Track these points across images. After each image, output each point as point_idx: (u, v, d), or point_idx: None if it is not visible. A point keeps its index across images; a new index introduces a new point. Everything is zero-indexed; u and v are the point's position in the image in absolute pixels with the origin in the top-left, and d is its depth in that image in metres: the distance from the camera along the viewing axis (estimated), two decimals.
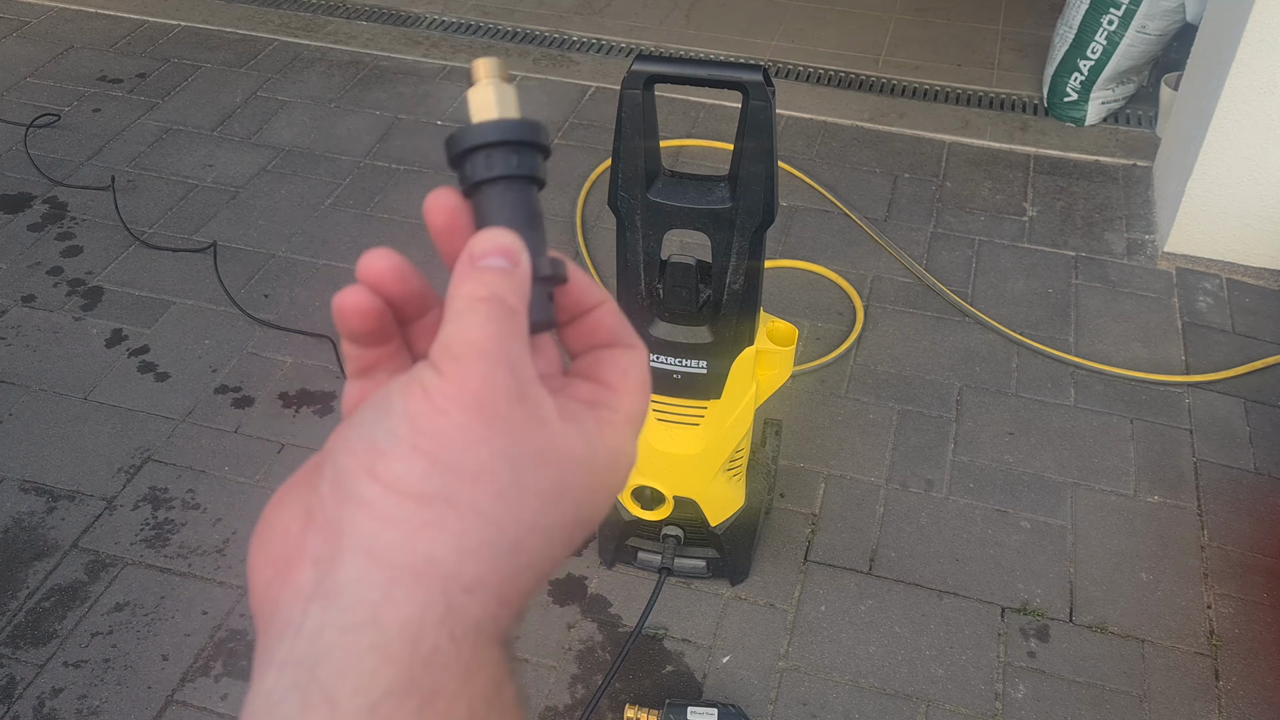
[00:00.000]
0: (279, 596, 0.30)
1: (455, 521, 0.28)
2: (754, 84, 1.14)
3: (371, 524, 0.28)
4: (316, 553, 0.29)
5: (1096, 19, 2.41)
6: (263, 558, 0.31)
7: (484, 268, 0.32)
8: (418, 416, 0.29)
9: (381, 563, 0.28)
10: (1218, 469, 1.78)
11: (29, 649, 1.50)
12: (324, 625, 0.28)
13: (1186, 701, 1.47)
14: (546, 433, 0.30)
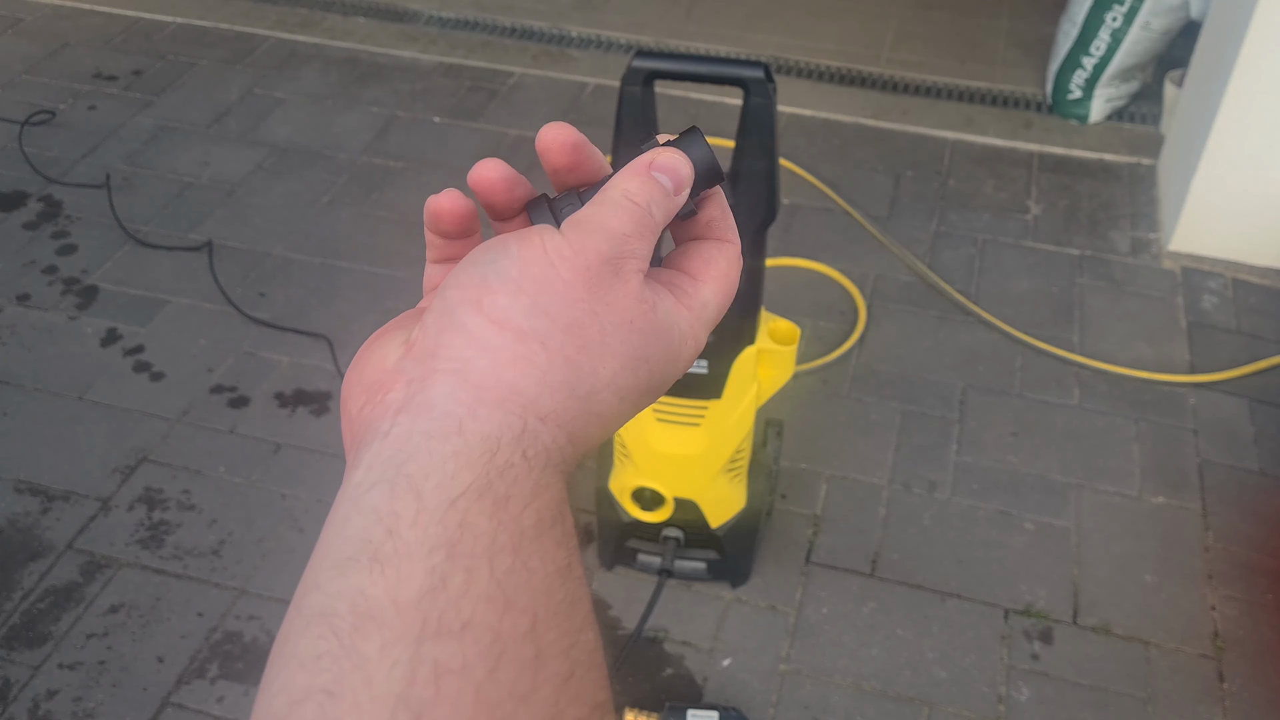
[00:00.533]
0: (370, 416, 0.33)
1: (543, 359, 0.32)
2: (755, 81, 1.13)
3: (469, 349, 0.32)
4: (410, 374, 0.32)
5: (1100, 16, 2.39)
6: (358, 388, 0.34)
7: (654, 179, 0.36)
8: (529, 263, 0.33)
9: (470, 384, 0.31)
10: (1222, 470, 1.76)
11: (24, 651, 1.49)
12: (412, 431, 0.31)
13: (1191, 704, 1.46)
14: (637, 308, 0.34)
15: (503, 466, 0.31)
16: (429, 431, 0.31)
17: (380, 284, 2.09)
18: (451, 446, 0.30)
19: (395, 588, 0.28)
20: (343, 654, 0.27)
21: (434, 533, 0.29)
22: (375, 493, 0.30)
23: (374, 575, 0.28)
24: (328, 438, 1.79)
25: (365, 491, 0.30)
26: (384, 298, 2.06)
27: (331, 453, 1.76)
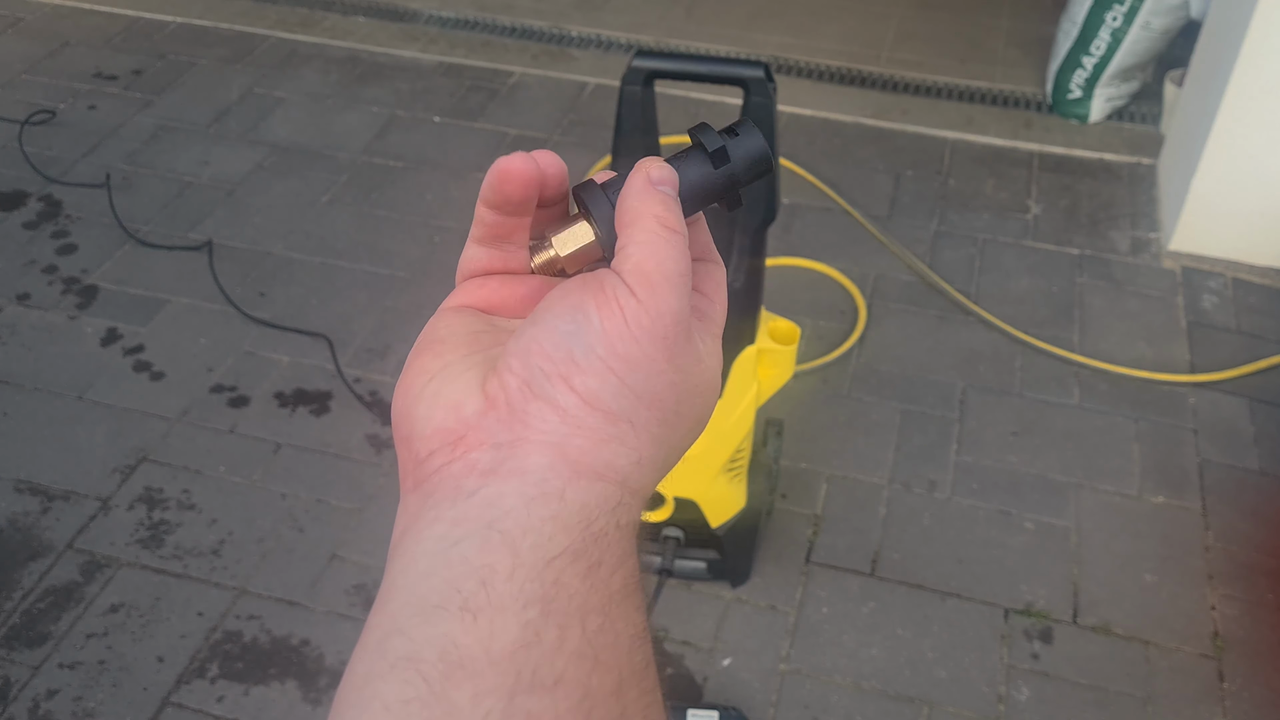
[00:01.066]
0: (451, 472, 0.33)
1: (633, 439, 0.34)
2: (755, 80, 1.13)
3: (564, 426, 0.33)
4: (499, 438, 0.33)
5: (1100, 15, 2.39)
6: (428, 429, 0.34)
7: (664, 194, 0.36)
8: (614, 339, 0.33)
9: (569, 459, 0.32)
10: (1222, 469, 1.76)
11: (24, 650, 1.49)
12: (503, 494, 0.31)
13: (1191, 704, 1.46)
14: (699, 369, 0.35)
15: (598, 534, 0.32)
16: (528, 496, 0.32)
17: (380, 283, 2.09)
18: (550, 510, 0.31)
19: (488, 639, 0.29)
20: (433, 700, 0.28)
21: (529, 589, 0.30)
22: (466, 545, 0.30)
23: (465, 624, 0.29)
24: (328, 437, 1.79)
25: (453, 544, 0.31)
26: (384, 297, 2.06)
27: (331, 452, 1.76)
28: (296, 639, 1.51)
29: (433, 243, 2.19)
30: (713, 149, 0.38)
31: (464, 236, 0.41)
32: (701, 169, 0.38)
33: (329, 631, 1.52)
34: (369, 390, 1.87)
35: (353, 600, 1.55)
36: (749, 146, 0.38)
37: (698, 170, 0.38)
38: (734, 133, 0.39)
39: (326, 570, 1.59)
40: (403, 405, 0.36)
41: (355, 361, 1.93)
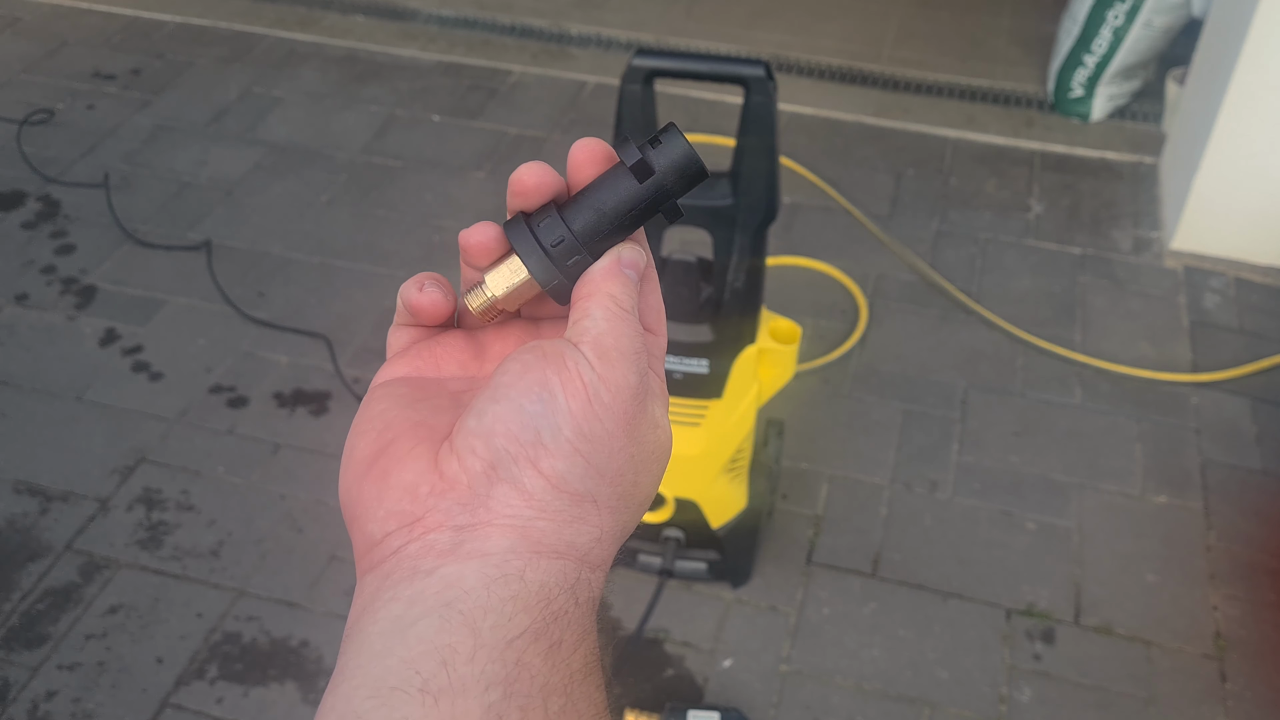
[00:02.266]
0: (409, 552, 0.32)
1: (595, 516, 0.34)
2: (756, 79, 1.12)
3: (529, 510, 0.33)
4: (459, 520, 0.32)
5: (1102, 14, 2.39)
6: (379, 510, 0.34)
7: (626, 277, 0.37)
8: (580, 419, 0.33)
9: (531, 540, 0.32)
10: (1225, 469, 1.76)
11: (22, 652, 1.48)
12: (463, 574, 0.31)
13: (1193, 704, 1.45)
14: (654, 436, 0.36)
15: (557, 612, 0.32)
16: (488, 576, 0.31)
17: (379, 283, 2.09)
18: (511, 591, 0.31)
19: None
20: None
21: (491, 670, 0.29)
22: (424, 625, 0.30)
23: (425, 708, 0.28)
24: (326, 438, 1.78)
25: (410, 624, 0.30)
26: (383, 297, 2.05)
27: (330, 453, 1.76)
28: (296, 640, 1.50)
29: (432, 242, 2.18)
30: (631, 163, 0.36)
31: None
32: (626, 185, 0.36)
33: (328, 633, 1.51)
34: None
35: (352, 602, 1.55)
36: (673, 154, 0.36)
37: (623, 187, 0.36)
38: (656, 142, 0.37)
39: (326, 571, 1.59)
40: (351, 487, 0.35)
41: (354, 362, 1.92)
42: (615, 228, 0.37)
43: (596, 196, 0.37)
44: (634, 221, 0.37)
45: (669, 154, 0.36)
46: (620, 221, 0.37)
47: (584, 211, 0.37)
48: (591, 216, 0.37)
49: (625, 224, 0.37)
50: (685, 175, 0.37)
